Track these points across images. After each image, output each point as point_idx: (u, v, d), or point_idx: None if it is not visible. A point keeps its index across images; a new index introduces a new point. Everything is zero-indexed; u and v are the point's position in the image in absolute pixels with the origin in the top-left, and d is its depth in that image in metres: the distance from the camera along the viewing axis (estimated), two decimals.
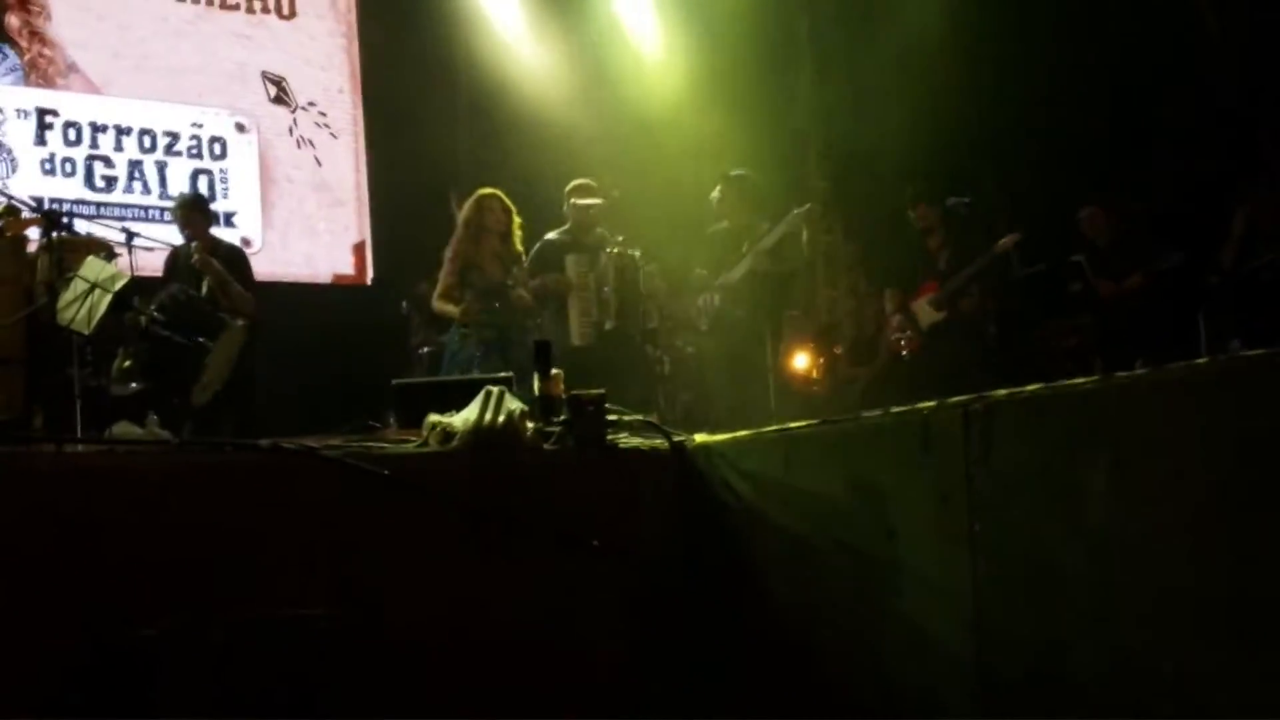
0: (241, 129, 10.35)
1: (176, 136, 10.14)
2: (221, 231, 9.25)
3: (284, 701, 3.96)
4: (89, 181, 9.85)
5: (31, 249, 7.42)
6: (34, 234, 7.44)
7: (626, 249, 8.20)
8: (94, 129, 9.85)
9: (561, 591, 4.75)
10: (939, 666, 4.27)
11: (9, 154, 9.68)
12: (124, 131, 9.98)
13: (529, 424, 5.00)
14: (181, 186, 10.04)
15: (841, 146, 10.18)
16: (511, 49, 10.69)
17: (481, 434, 4.80)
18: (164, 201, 9.92)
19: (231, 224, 10.09)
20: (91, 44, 10.01)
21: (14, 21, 9.81)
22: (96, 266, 7.00)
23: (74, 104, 9.85)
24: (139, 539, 4.14)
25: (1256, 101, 8.64)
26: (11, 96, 9.68)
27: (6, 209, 7.45)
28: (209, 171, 10.18)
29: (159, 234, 8.23)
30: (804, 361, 9.58)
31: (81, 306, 6.79)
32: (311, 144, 10.66)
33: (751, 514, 5.07)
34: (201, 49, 10.33)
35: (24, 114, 9.71)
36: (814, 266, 9.95)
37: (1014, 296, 9.23)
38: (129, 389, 7.49)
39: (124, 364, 7.52)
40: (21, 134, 9.67)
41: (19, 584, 3.95)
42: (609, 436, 5.18)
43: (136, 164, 9.99)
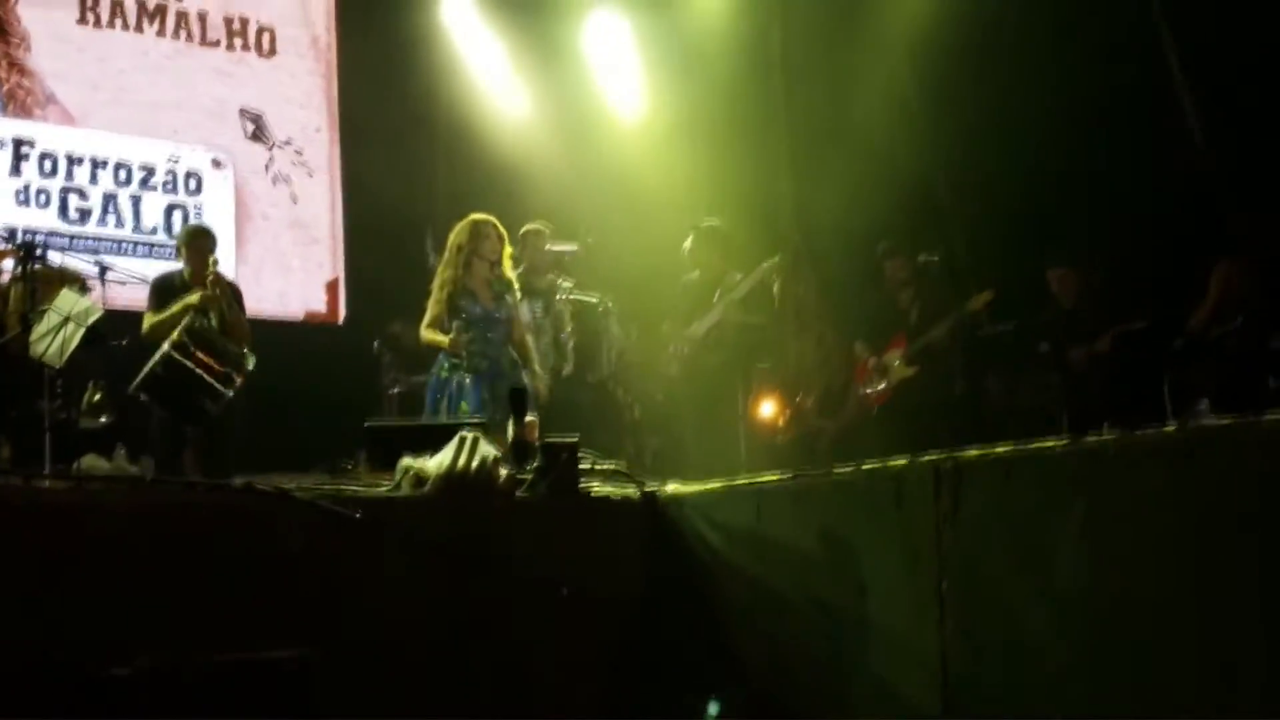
0: (218, 165, 10.36)
1: (152, 170, 10.13)
2: None
3: None
4: (63, 213, 9.82)
5: (4, 280, 7.39)
6: (7, 265, 7.41)
7: (584, 294, 8.21)
8: (70, 161, 9.84)
9: (533, 638, 4.75)
10: None
11: None
12: (100, 164, 9.97)
13: (502, 470, 5.02)
14: (156, 221, 10.02)
15: (815, 200, 10.25)
16: (490, 92, 10.74)
17: (454, 479, 4.82)
18: (137, 235, 9.91)
19: None
20: (70, 76, 10.01)
21: None
22: (71, 300, 6.98)
23: (50, 135, 9.84)
24: (109, 576, 4.13)
25: (1226, 165, 8.75)
26: None
27: None
28: (183, 206, 10.18)
29: (132, 267, 8.21)
30: (770, 410, 9.61)
31: (54, 339, 6.76)
32: (287, 181, 10.68)
33: (723, 565, 5.10)
34: (180, 84, 10.34)
35: (0, 144, 9.70)
36: (784, 318, 9.98)
37: (983, 354, 9.30)
38: (98, 423, 7.46)
39: (93, 397, 7.49)
40: None
41: None
42: (581, 484, 5.20)
43: (111, 197, 9.98)
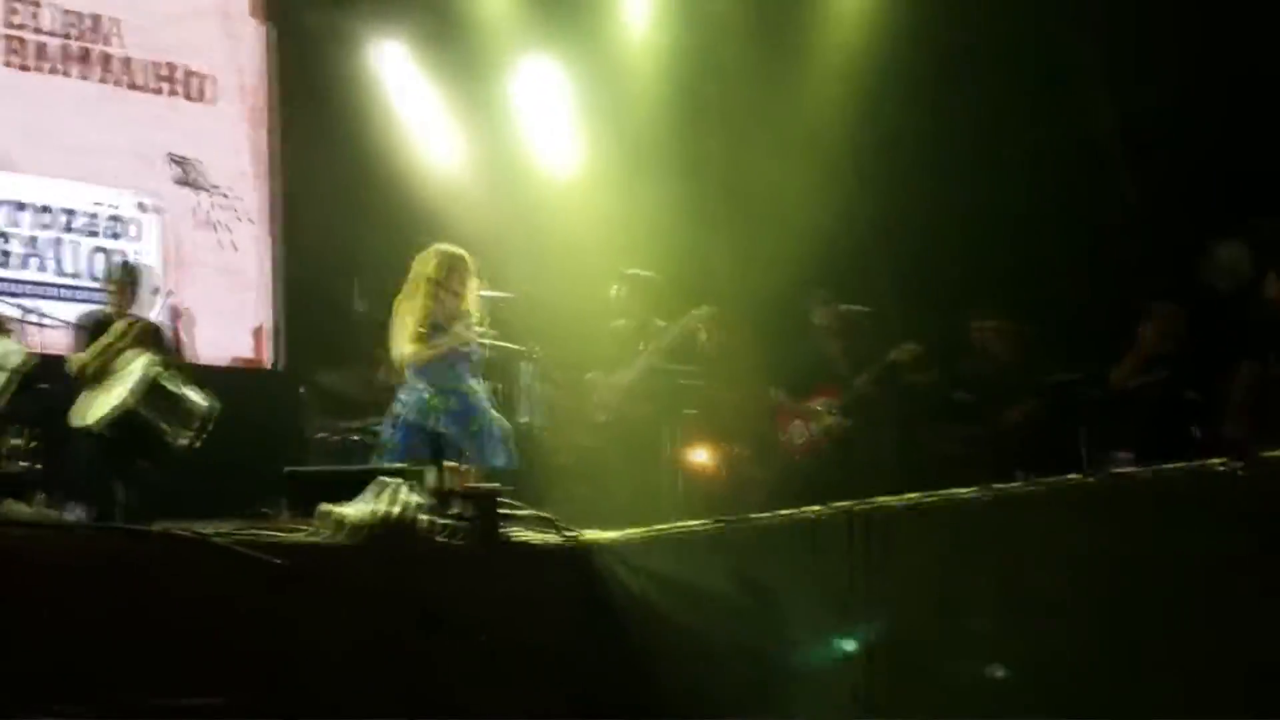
0: (145, 209, 10.29)
1: (77, 214, 10.05)
2: None
3: None
4: None
5: None
6: None
7: (508, 342, 8.22)
8: None
9: (454, 683, 4.73)
10: None
11: None
12: (23, 207, 9.88)
13: (424, 517, 5.00)
14: (81, 265, 9.93)
15: (746, 249, 10.33)
16: (421, 139, 10.76)
17: (375, 525, 4.80)
18: (60, 279, 9.81)
19: None
20: None
21: None
22: (1, 346, 6.93)
23: None
24: (26, 623, 4.07)
25: (1156, 217, 8.93)
26: None
27: None
28: (109, 251, 10.09)
29: (56, 311, 8.14)
30: (704, 457, 9.64)
31: None
32: (216, 228, 10.62)
33: (647, 611, 5.10)
34: (110, 128, 10.27)
35: None
36: (714, 367, 10.03)
37: (909, 404, 9.38)
38: (17, 467, 7.39)
39: (13, 442, 7.42)
40: None
41: None
42: (504, 531, 5.19)
43: (34, 241, 9.88)
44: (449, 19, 10.75)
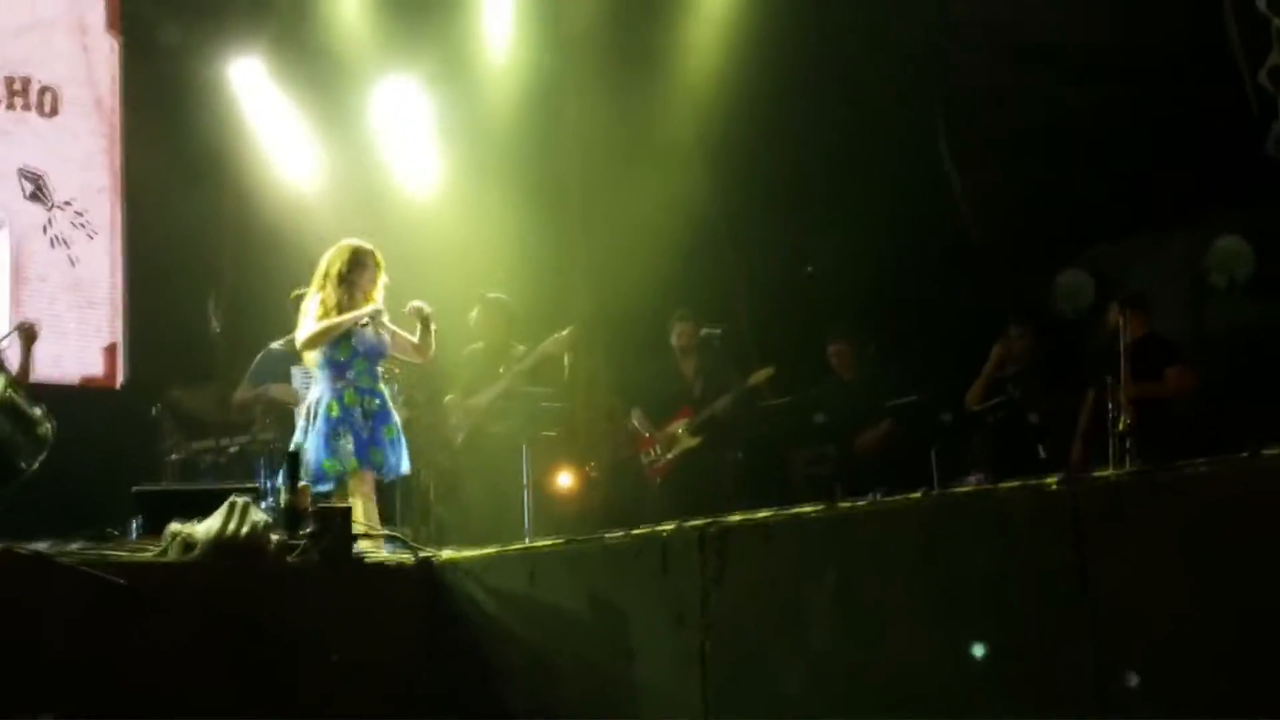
0: None
1: None
2: None
3: None
4: None
5: None
6: None
7: None
8: None
9: (304, 701, 4.71)
10: None
11: None
12: None
13: (273, 535, 4.98)
14: None
15: (605, 270, 10.41)
16: (278, 156, 10.67)
17: (223, 544, 4.77)
18: None
19: None
20: None
21: None
22: None
23: None
24: None
25: (1002, 243, 9.18)
26: None
27: None
28: None
29: None
30: (565, 483, 9.67)
31: None
32: (66, 243, 10.41)
33: (497, 628, 5.14)
34: None
35: None
36: (573, 389, 10.08)
37: (763, 426, 9.53)
38: None
39: None
40: None
41: None
42: (355, 550, 5.19)
43: None
44: (307, 36, 10.68)
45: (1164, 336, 7.92)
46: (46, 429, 7.37)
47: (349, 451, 6.47)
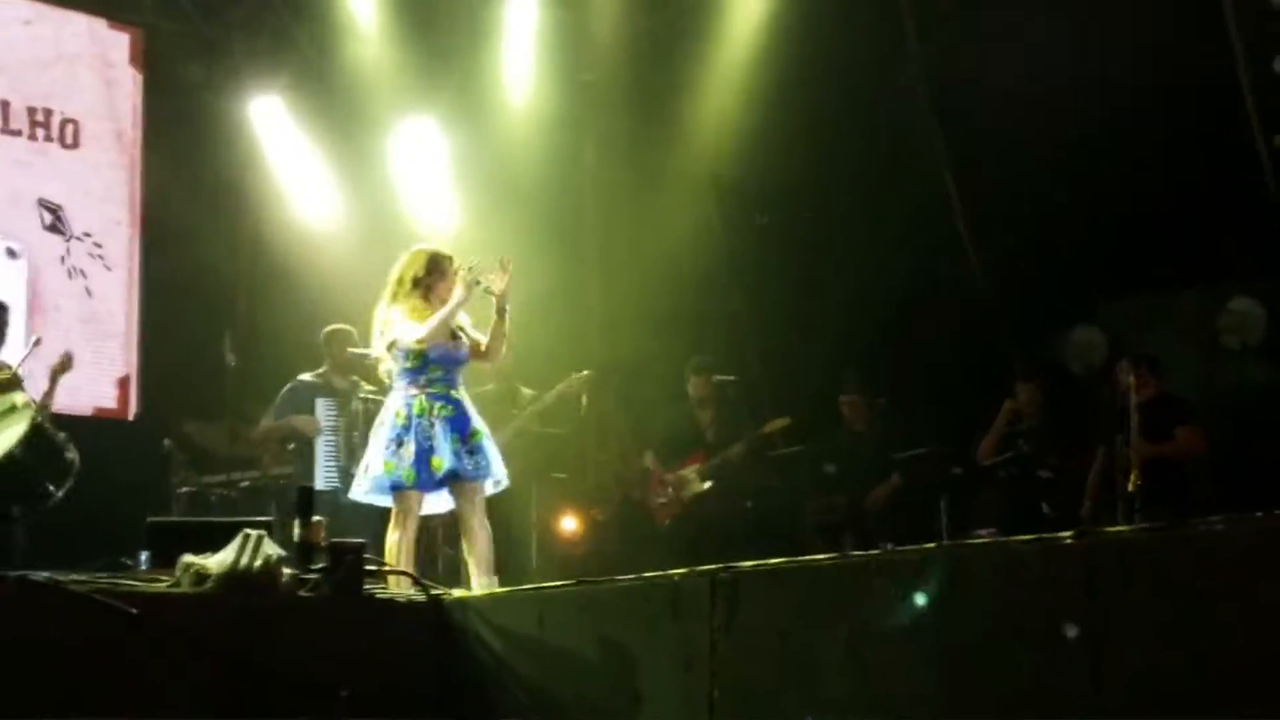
0: (12, 255, 10.14)
1: None
2: None
3: None
4: None
5: None
6: None
7: (383, 397, 8.22)
8: None
9: None
10: None
11: None
12: None
13: (286, 570, 4.99)
14: None
15: (622, 316, 10.46)
16: (297, 194, 10.75)
17: (236, 577, 4.78)
18: None
19: None
20: None
21: None
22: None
23: None
24: None
25: (1016, 298, 9.23)
26: None
27: None
28: None
29: None
30: (573, 525, 9.70)
31: None
32: (83, 274, 10.48)
33: (506, 669, 5.14)
34: None
35: None
36: (585, 430, 10.12)
37: (774, 475, 9.55)
38: None
39: None
40: None
41: None
42: (366, 587, 5.20)
43: None
44: (328, 75, 10.79)
45: (1175, 396, 7.94)
46: (73, 457, 7.42)
47: (408, 461, 6.29)
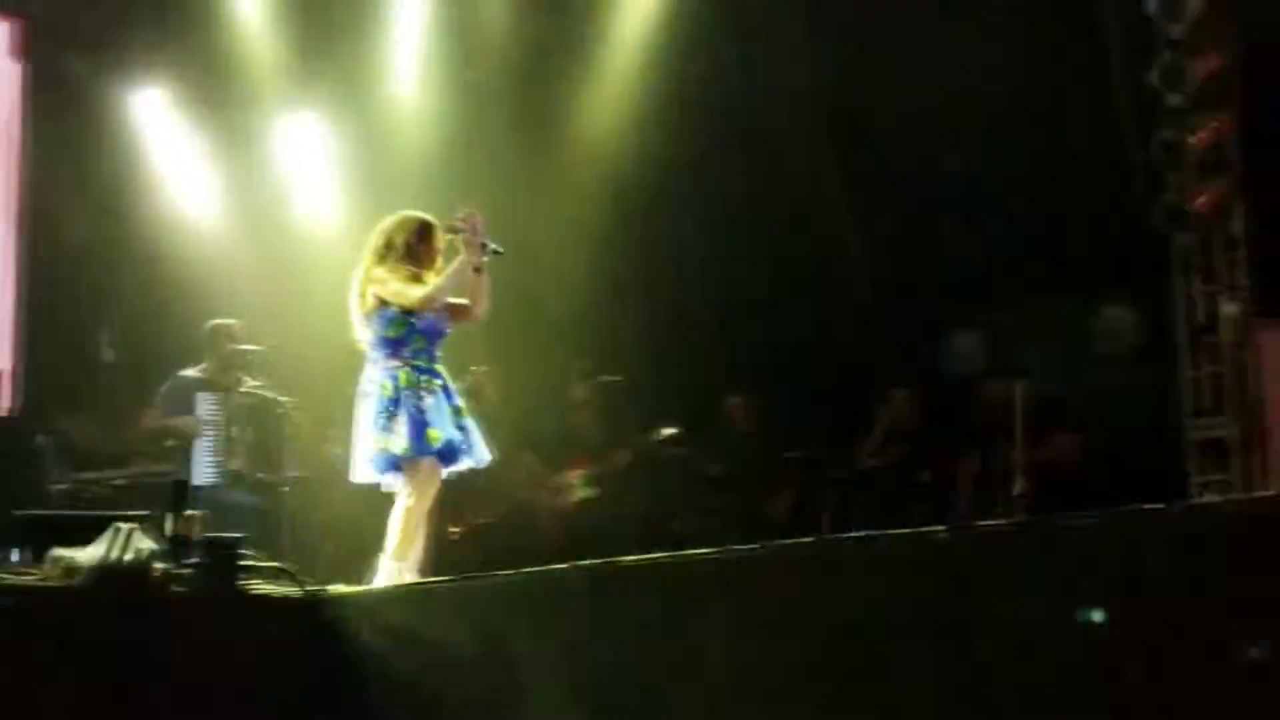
0: None
1: None
2: None
3: None
4: None
5: None
6: None
7: (267, 393, 8.13)
8: None
9: None
10: None
11: None
12: None
13: (159, 564, 4.92)
14: None
15: (504, 315, 10.44)
16: (180, 187, 10.60)
17: (106, 571, 4.71)
18: None
19: None
20: None
21: None
22: None
23: None
24: None
25: (897, 303, 9.39)
26: None
27: None
28: None
29: None
30: (459, 525, 9.66)
31: None
32: None
33: (387, 665, 5.11)
34: None
35: None
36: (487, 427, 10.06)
37: (660, 478, 9.59)
38: None
39: None
40: None
41: None
42: (242, 582, 5.14)
43: None
44: (215, 70, 10.64)
45: (1051, 401, 8.12)
46: None
47: (403, 433, 5.95)
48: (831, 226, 9.49)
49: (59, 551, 4.83)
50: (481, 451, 6.26)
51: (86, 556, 4.76)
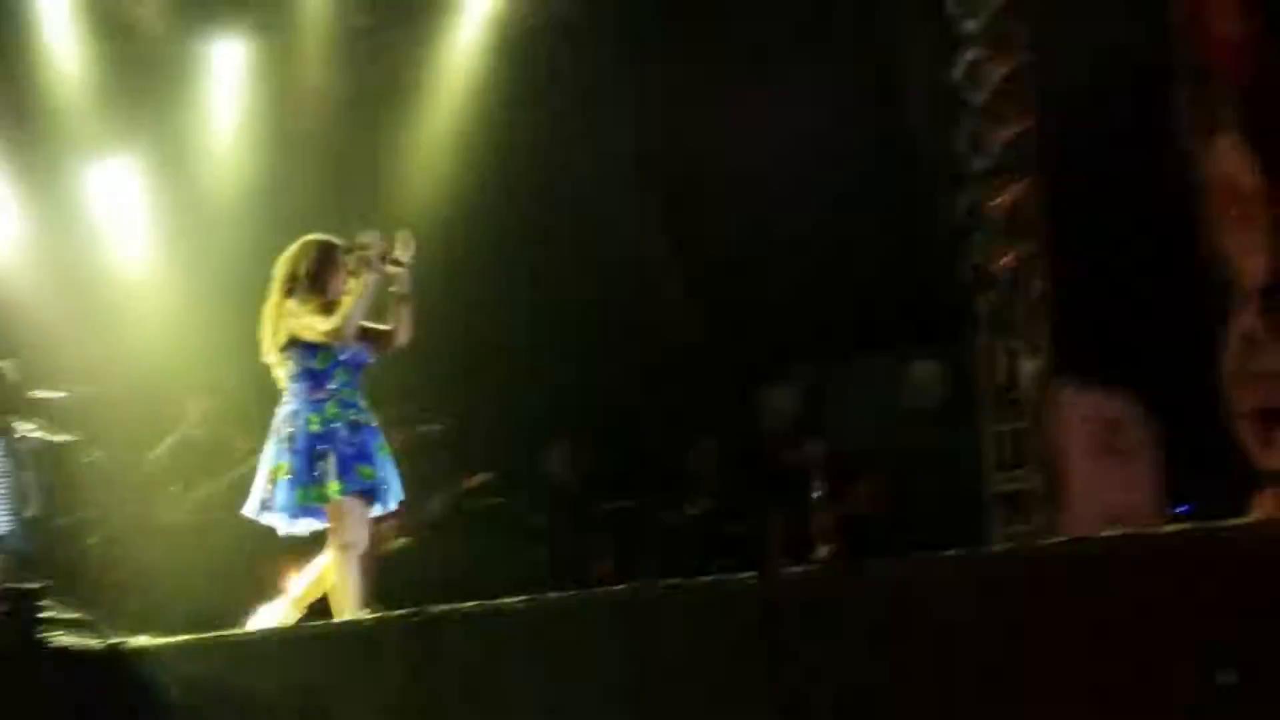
0: None
1: None
2: None
3: None
4: None
5: None
6: None
7: (61, 439, 7.92)
8: None
9: None
10: None
11: None
12: None
13: None
14: None
15: None
16: None
17: None
18: None
19: None
20: None
21: None
22: None
23: None
24: None
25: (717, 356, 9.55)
26: None
27: None
28: None
29: None
30: (281, 575, 9.48)
31: None
32: None
33: (191, 718, 5.00)
34: None
35: None
36: None
37: (476, 528, 9.55)
38: None
39: None
40: None
41: None
42: (40, 635, 4.99)
43: None
44: (23, 109, 10.36)
45: (851, 455, 8.34)
46: None
47: (333, 472, 5.64)
48: (654, 279, 9.62)
49: None
50: (398, 495, 6.07)
51: None
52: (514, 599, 4.46)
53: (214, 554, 8.39)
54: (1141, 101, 7.72)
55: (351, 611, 5.36)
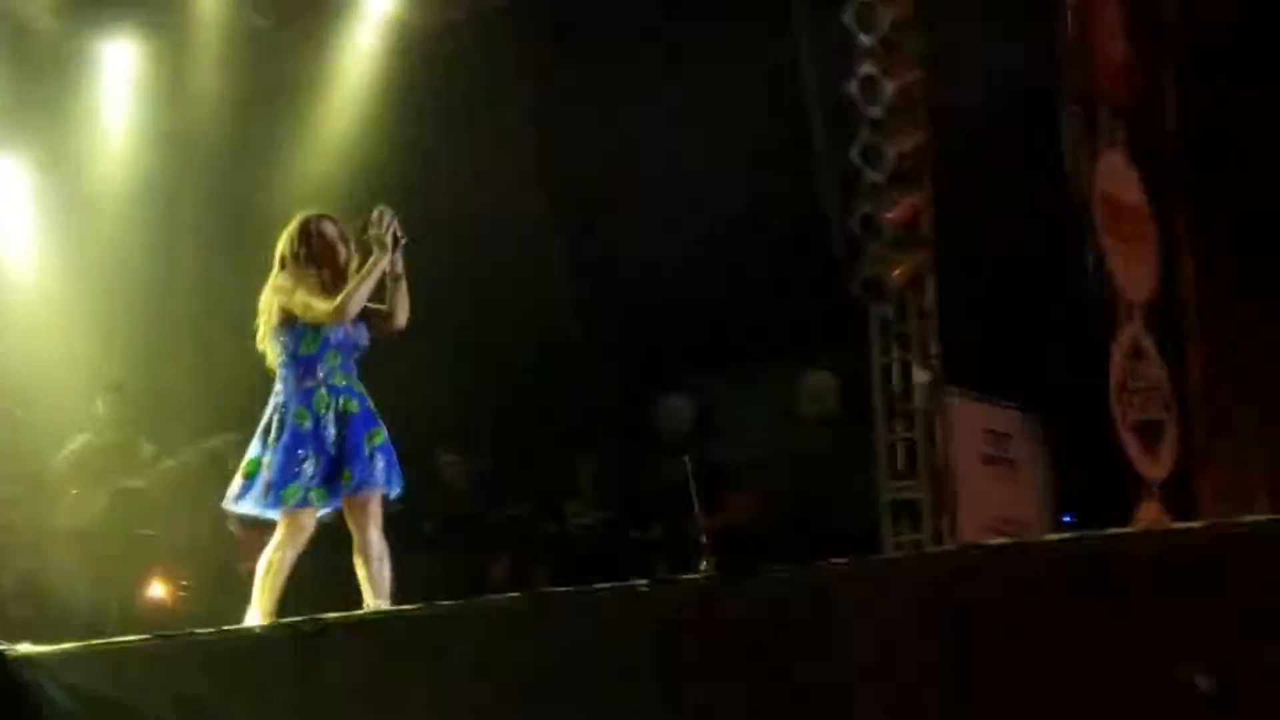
0: None
1: None
2: None
3: None
4: None
5: None
6: None
7: None
8: None
9: None
10: None
11: None
12: None
13: None
14: None
15: (210, 370, 10.22)
16: None
17: None
18: None
19: None
20: None
21: None
22: None
23: None
24: None
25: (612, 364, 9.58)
26: None
27: None
28: None
29: None
30: (159, 592, 9.34)
31: None
32: None
33: None
34: None
35: None
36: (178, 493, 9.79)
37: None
38: None
39: None
40: None
41: None
42: None
43: None
44: None
45: (722, 465, 8.42)
46: None
47: (309, 477, 5.30)
48: (546, 285, 9.64)
49: None
50: (396, 483, 5.70)
51: None
52: (408, 606, 4.45)
53: (107, 562, 8.29)
54: (1031, 120, 7.90)
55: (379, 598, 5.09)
